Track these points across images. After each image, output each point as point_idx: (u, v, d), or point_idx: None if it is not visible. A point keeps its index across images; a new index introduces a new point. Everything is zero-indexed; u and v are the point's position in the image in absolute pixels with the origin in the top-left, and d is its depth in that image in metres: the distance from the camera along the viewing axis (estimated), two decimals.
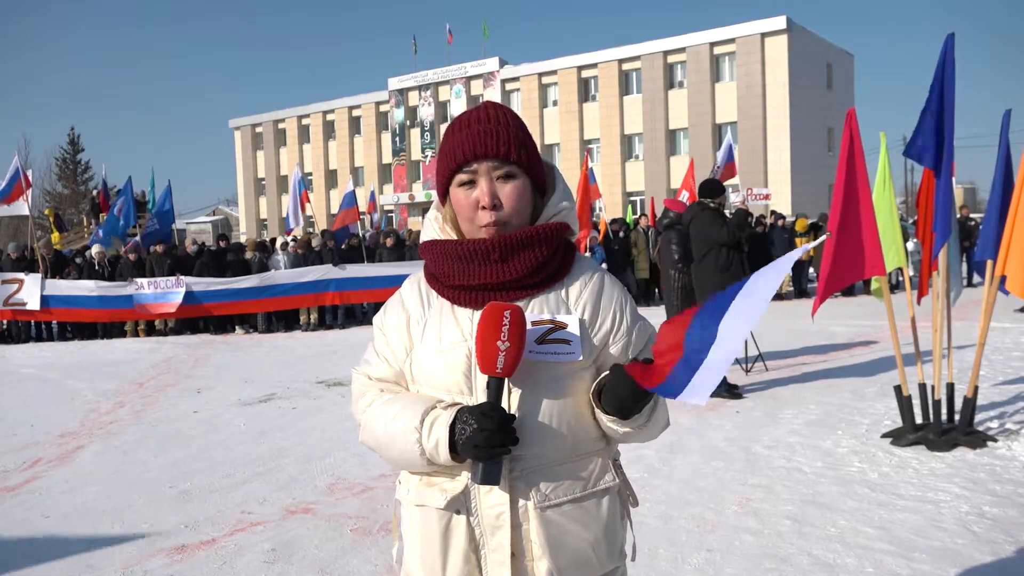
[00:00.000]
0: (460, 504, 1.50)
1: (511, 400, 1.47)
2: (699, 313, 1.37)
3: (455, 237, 1.58)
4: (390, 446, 1.52)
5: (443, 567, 1.52)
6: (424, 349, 1.55)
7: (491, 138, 1.50)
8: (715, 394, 6.97)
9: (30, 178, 14.47)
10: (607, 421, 1.49)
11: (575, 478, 1.52)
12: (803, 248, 1.51)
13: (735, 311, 1.30)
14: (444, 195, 1.59)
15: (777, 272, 1.31)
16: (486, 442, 1.38)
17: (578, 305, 1.55)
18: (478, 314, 1.47)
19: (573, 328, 1.50)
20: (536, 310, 1.52)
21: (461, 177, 1.52)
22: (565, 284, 1.57)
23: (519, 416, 1.45)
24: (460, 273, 1.53)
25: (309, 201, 15.54)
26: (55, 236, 14.78)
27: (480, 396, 1.47)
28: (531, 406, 1.48)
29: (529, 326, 1.47)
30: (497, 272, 1.51)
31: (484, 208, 1.50)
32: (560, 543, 1.50)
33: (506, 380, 1.44)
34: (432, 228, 1.61)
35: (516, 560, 1.50)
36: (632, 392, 1.39)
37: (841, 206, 5.06)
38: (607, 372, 1.47)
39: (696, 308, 1.40)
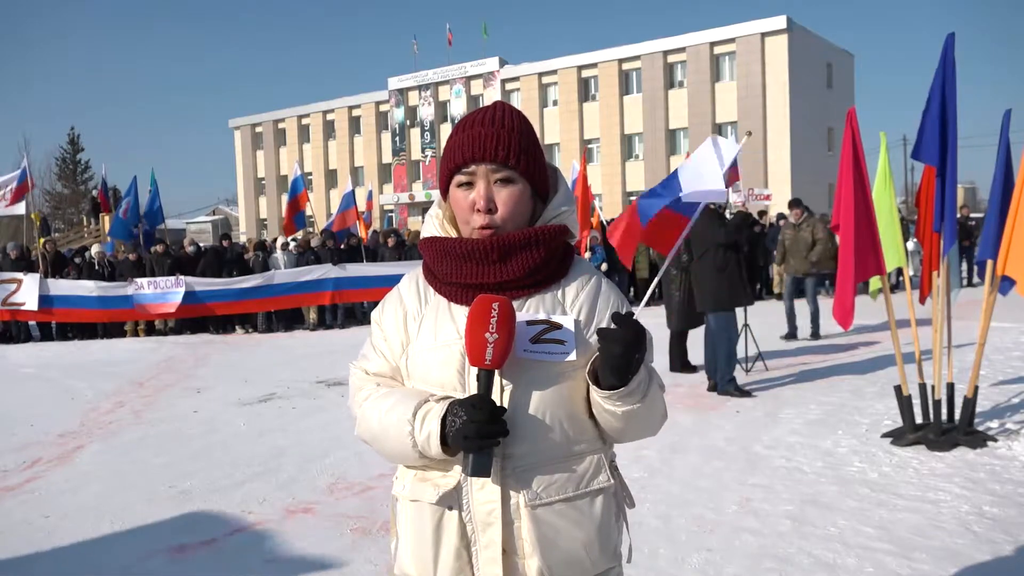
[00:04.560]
0: (452, 500, 1.51)
1: (504, 397, 1.48)
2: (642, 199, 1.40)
3: (455, 235, 1.59)
4: (384, 439, 1.53)
5: (435, 562, 1.53)
6: (420, 345, 1.56)
7: (491, 141, 1.50)
8: (724, 392, 6.98)
9: (33, 179, 14.49)
10: (605, 403, 1.48)
11: (567, 477, 1.52)
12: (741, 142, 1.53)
13: (688, 175, 1.34)
14: (446, 192, 1.60)
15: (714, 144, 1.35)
16: (475, 433, 1.38)
17: (574, 306, 1.56)
18: None
19: (568, 328, 1.50)
20: (532, 310, 1.53)
21: (460, 178, 1.54)
22: (562, 285, 1.58)
23: (512, 413, 1.46)
24: (458, 271, 1.54)
25: (309, 200, 15.53)
26: (40, 240, 14.69)
27: (473, 393, 1.48)
28: (524, 404, 1.48)
29: (525, 325, 1.48)
30: (495, 272, 1.52)
31: (479, 211, 1.52)
32: (551, 542, 1.50)
33: (496, 373, 1.45)
34: (432, 225, 1.63)
35: (507, 557, 1.50)
36: (623, 349, 1.40)
37: (853, 205, 5.04)
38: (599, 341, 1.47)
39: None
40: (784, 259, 10.85)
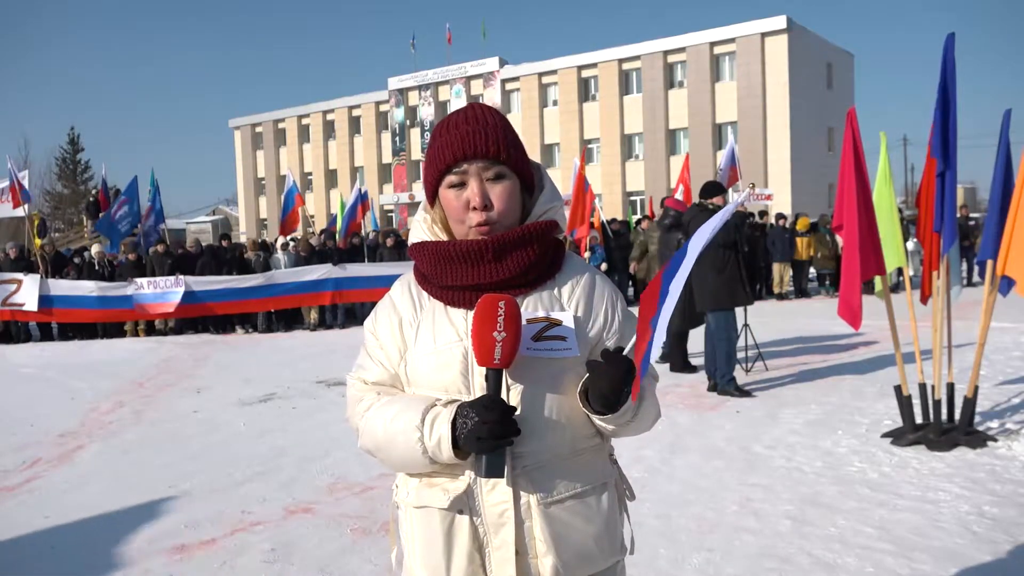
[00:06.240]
0: (463, 503, 1.50)
1: (511, 396, 1.47)
2: (660, 292, 1.44)
3: (445, 237, 1.58)
4: (391, 448, 1.51)
5: (447, 567, 1.52)
6: (418, 350, 1.54)
7: (480, 138, 1.50)
8: (724, 392, 6.98)
9: (23, 181, 14.40)
10: (597, 419, 1.50)
11: (576, 473, 1.52)
12: (735, 203, 1.53)
13: (682, 273, 1.40)
14: (433, 197, 1.59)
15: (707, 231, 1.38)
16: (489, 434, 1.37)
17: (571, 302, 1.55)
18: (472, 314, 1.47)
19: (568, 324, 1.50)
20: (531, 308, 1.52)
21: (451, 179, 1.52)
22: (557, 282, 1.58)
23: (520, 412, 1.45)
24: (453, 274, 1.53)
25: (304, 204, 15.52)
26: (36, 242, 14.67)
27: (478, 395, 1.47)
28: (530, 402, 1.48)
29: (525, 323, 1.47)
30: (490, 272, 1.51)
31: (475, 209, 1.50)
32: (564, 539, 1.50)
33: (505, 373, 1.44)
34: (421, 229, 1.61)
35: (520, 557, 1.49)
36: (611, 384, 1.40)
37: (855, 205, 5.04)
38: (588, 373, 1.47)
39: (656, 285, 1.45)
40: (648, 263, 9.23)
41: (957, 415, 5.29)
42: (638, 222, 17.76)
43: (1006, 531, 3.76)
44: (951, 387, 5.32)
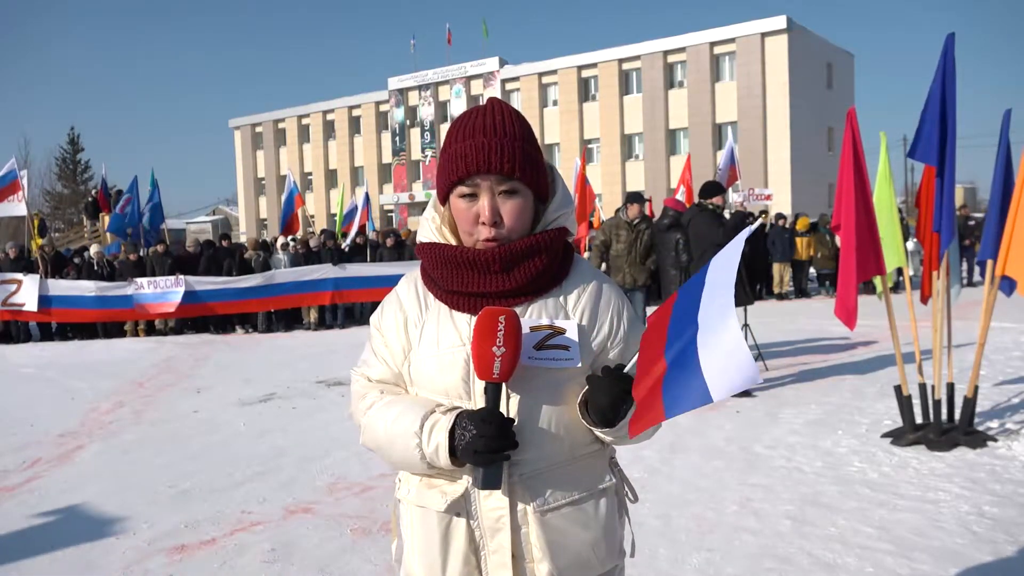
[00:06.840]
0: (460, 507, 1.50)
1: (510, 405, 1.47)
2: (671, 322, 1.34)
3: (453, 240, 1.57)
4: (391, 449, 1.52)
5: (443, 568, 1.52)
6: (422, 352, 1.54)
7: (495, 153, 1.47)
8: None
9: (24, 182, 14.37)
10: (595, 430, 1.50)
11: (573, 481, 1.52)
12: (753, 226, 1.49)
13: (707, 298, 1.27)
14: (444, 197, 1.57)
15: (735, 250, 1.28)
16: (486, 447, 1.37)
17: (576, 310, 1.54)
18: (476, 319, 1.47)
19: (572, 334, 1.49)
20: (535, 315, 1.51)
21: (462, 189, 1.50)
22: (563, 289, 1.56)
23: (518, 421, 1.45)
24: (459, 280, 1.52)
25: (304, 205, 15.52)
26: (36, 241, 14.65)
27: (479, 400, 1.46)
28: (530, 411, 1.47)
29: (528, 331, 1.47)
30: (497, 282, 1.50)
31: (484, 224, 1.49)
32: (560, 545, 1.50)
33: (504, 385, 1.44)
34: (429, 229, 1.60)
35: (516, 562, 1.50)
36: (611, 401, 1.39)
37: (854, 205, 5.05)
38: (588, 386, 1.46)
39: (665, 315, 1.36)
40: (608, 266, 8.30)
41: (957, 415, 5.29)
42: None
43: (1006, 531, 3.76)
44: (951, 387, 5.32)
